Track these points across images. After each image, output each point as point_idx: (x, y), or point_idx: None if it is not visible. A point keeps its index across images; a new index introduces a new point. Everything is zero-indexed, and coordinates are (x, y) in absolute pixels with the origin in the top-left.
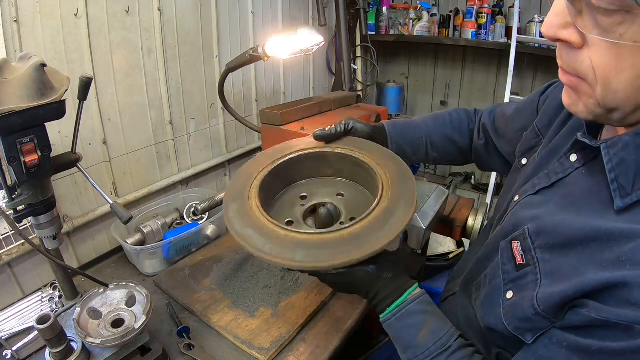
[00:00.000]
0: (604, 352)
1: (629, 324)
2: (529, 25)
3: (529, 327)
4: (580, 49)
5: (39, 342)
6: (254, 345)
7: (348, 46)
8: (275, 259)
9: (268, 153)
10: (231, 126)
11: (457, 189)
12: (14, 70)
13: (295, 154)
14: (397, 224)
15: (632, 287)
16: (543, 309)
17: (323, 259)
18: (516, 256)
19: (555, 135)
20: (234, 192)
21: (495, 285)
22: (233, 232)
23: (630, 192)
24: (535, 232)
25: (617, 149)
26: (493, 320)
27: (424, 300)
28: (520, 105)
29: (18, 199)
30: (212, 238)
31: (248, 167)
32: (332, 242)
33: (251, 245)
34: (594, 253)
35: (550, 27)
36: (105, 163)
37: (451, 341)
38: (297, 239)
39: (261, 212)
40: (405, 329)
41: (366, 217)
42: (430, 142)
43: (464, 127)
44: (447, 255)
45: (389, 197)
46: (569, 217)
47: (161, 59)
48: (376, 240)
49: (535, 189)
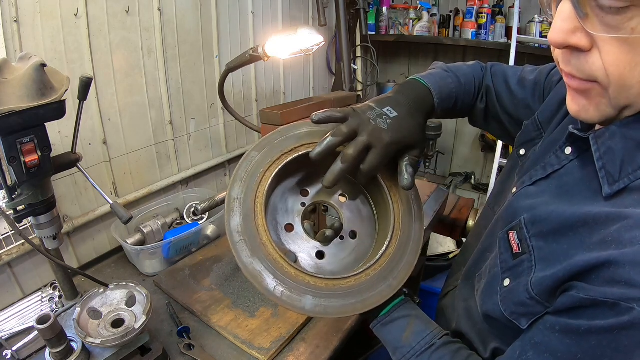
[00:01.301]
0: (593, 331)
1: (615, 301)
2: (529, 25)
3: (523, 312)
4: (589, 52)
5: (39, 342)
6: (254, 345)
7: (348, 46)
8: (285, 305)
9: (272, 142)
10: (231, 126)
11: (457, 189)
12: (14, 70)
13: (310, 149)
14: (401, 276)
15: (617, 265)
16: (536, 292)
17: (331, 312)
18: (513, 245)
19: (554, 130)
20: (237, 193)
21: (494, 274)
22: (240, 265)
23: (617, 179)
24: (531, 221)
25: (605, 139)
26: (491, 307)
27: (407, 307)
28: (527, 83)
29: (18, 199)
30: (212, 238)
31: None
32: (340, 291)
33: (261, 286)
34: (583, 237)
35: (559, 33)
36: (105, 163)
37: (435, 339)
38: (306, 282)
39: (269, 239)
40: (390, 333)
41: (375, 263)
42: (455, 106)
43: (476, 88)
44: (447, 255)
45: (397, 238)
46: (561, 206)
47: (161, 59)
48: (379, 296)
49: (531, 180)
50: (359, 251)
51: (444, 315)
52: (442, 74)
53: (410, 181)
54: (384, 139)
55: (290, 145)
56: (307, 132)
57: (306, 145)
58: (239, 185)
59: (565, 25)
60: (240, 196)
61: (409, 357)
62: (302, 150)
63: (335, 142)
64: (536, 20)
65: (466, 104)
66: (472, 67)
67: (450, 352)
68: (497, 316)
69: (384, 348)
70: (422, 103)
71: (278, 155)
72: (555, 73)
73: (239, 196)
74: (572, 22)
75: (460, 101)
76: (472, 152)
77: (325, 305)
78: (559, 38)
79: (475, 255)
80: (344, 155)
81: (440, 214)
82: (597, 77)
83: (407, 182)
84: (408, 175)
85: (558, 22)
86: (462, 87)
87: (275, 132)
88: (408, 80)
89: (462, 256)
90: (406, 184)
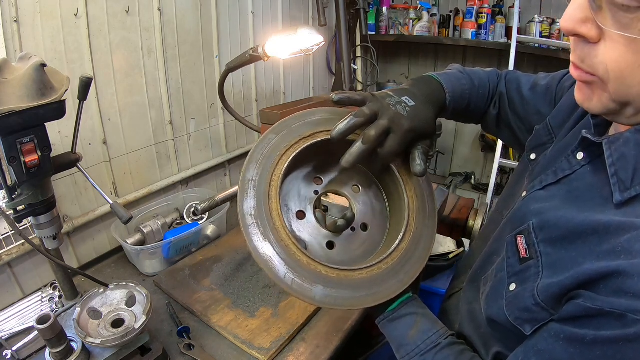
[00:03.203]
0: (598, 342)
1: (622, 312)
2: (529, 25)
3: (528, 318)
4: (596, 44)
5: (39, 342)
6: (254, 345)
7: (348, 46)
8: (295, 294)
9: (290, 126)
10: (231, 126)
11: (457, 189)
12: (14, 70)
13: (328, 136)
14: (412, 271)
15: (626, 276)
16: (542, 299)
17: (340, 303)
18: (520, 250)
19: (566, 135)
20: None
21: (500, 278)
22: (251, 248)
23: (629, 186)
24: (539, 226)
25: (618, 145)
26: (496, 312)
27: (415, 304)
28: (538, 88)
29: (18, 199)
30: (212, 238)
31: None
32: (351, 283)
33: (271, 272)
34: (593, 246)
35: (569, 20)
36: (105, 163)
37: (440, 339)
38: (318, 271)
39: (282, 224)
40: (396, 329)
41: (388, 256)
42: (468, 107)
43: (490, 92)
44: (447, 255)
45: (411, 233)
46: (571, 212)
47: (161, 59)
48: (389, 291)
49: (542, 185)
50: (368, 244)
51: (447, 317)
52: (457, 74)
53: (423, 167)
54: (403, 125)
55: (309, 131)
56: (324, 119)
57: (324, 132)
58: (254, 167)
59: (577, 14)
60: (255, 178)
61: (413, 355)
62: (321, 137)
63: (358, 123)
64: (536, 20)
65: (479, 108)
66: (488, 73)
67: (454, 353)
68: (501, 321)
69: (384, 348)
70: (434, 98)
71: (296, 139)
72: (567, 79)
73: (253, 178)
74: (584, 12)
75: (473, 104)
76: (472, 152)
77: (335, 297)
78: (569, 25)
79: (481, 258)
80: (366, 136)
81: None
82: (598, 70)
83: (421, 167)
84: (421, 161)
85: (571, 9)
86: (476, 90)
87: (292, 116)
88: (422, 76)
89: (467, 259)
90: (419, 169)
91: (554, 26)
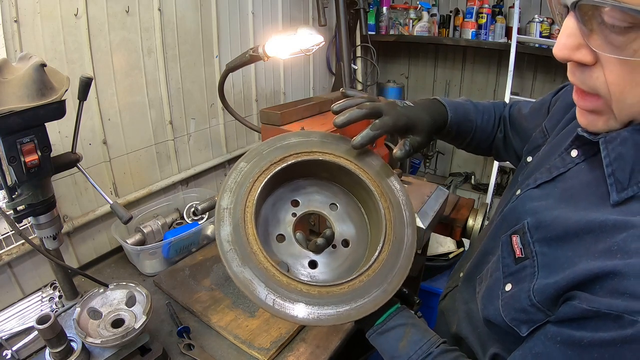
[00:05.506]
0: (596, 344)
1: (618, 313)
2: (529, 25)
3: (524, 319)
4: (593, 66)
5: (39, 342)
6: (254, 345)
7: (348, 46)
8: (277, 314)
9: (261, 152)
10: (231, 126)
11: (457, 189)
12: (14, 70)
13: (298, 159)
14: (395, 281)
15: (622, 276)
16: (538, 300)
17: (324, 320)
18: (515, 250)
19: (559, 133)
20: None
21: (495, 278)
22: (231, 274)
23: (626, 186)
24: (534, 226)
25: (615, 144)
26: (492, 312)
27: (404, 315)
28: (536, 105)
29: (18, 199)
30: (212, 238)
31: (241, 170)
32: (333, 298)
33: (252, 295)
34: (588, 245)
35: (563, 49)
36: (105, 163)
37: (432, 348)
38: (298, 289)
39: (260, 247)
40: (386, 342)
41: (368, 268)
42: (475, 130)
43: (496, 119)
44: (447, 255)
45: (390, 243)
46: (566, 211)
47: (161, 59)
48: (374, 302)
49: (536, 183)
50: (352, 260)
51: (444, 318)
52: (461, 101)
53: (403, 153)
54: (398, 111)
55: (279, 155)
56: (296, 142)
57: (294, 155)
58: (228, 195)
59: (569, 42)
60: (229, 206)
61: None
62: (291, 160)
63: (360, 115)
64: (536, 20)
65: (486, 132)
66: (494, 103)
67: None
68: (497, 322)
69: None
70: (434, 111)
71: (267, 165)
72: (563, 92)
73: (228, 206)
74: (576, 39)
75: (479, 128)
76: None
77: (319, 313)
78: (563, 54)
79: (476, 257)
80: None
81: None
82: (600, 90)
83: (400, 153)
84: (404, 148)
85: (563, 37)
86: (480, 114)
87: (263, 143)
88: (428, 98)
89: (464, 259)
90: (399, 154)
91: (554, 26)
